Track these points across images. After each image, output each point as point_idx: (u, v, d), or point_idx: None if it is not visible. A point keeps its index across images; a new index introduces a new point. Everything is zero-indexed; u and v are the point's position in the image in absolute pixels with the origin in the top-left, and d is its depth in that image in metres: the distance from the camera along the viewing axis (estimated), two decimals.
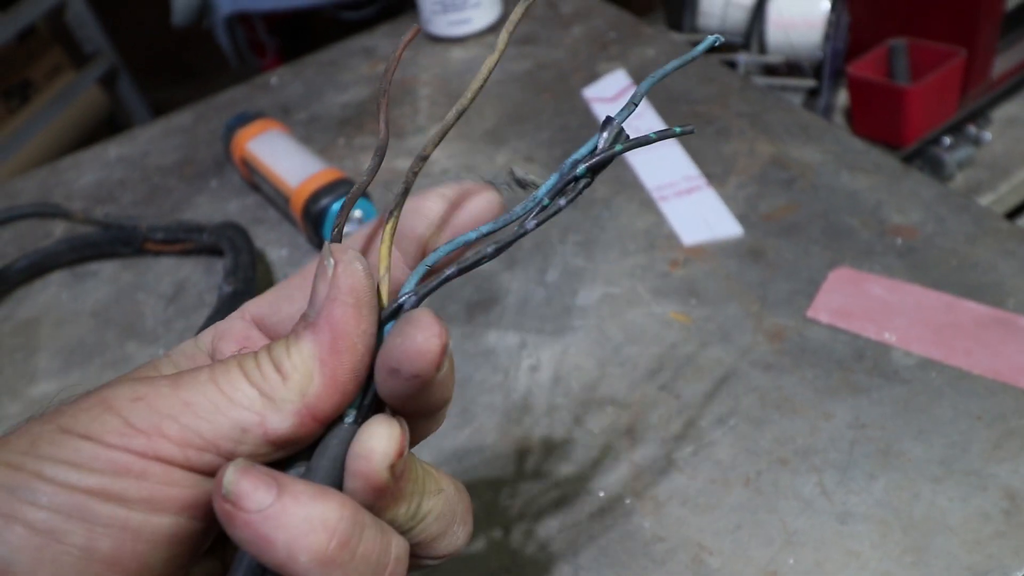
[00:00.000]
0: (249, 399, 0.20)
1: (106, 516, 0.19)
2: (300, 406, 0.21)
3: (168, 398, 0.20)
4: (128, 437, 0.19)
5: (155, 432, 0.20)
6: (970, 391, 0.41)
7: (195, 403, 0.20)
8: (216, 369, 0.21)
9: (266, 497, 0.19)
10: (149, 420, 0.20)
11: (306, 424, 0.21)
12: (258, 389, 0.21)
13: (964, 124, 1.04)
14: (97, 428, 0.20)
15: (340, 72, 0.81)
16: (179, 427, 0.20)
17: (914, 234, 0.50)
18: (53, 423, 0.20)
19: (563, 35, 0.79)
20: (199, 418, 0.20)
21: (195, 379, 0.21)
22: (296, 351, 0.21)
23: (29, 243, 0.65)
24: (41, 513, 0.19)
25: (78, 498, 0.19)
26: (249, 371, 0.21)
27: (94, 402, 0.20)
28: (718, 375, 0.44)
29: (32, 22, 1.88)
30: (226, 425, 0.20)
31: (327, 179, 0.56)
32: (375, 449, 0.20)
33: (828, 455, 0.39)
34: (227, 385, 0.21)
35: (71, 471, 0.19)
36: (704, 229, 0.53)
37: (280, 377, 0.21)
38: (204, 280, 0.58)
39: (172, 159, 0.73)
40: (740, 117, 0.63)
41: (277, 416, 0.20)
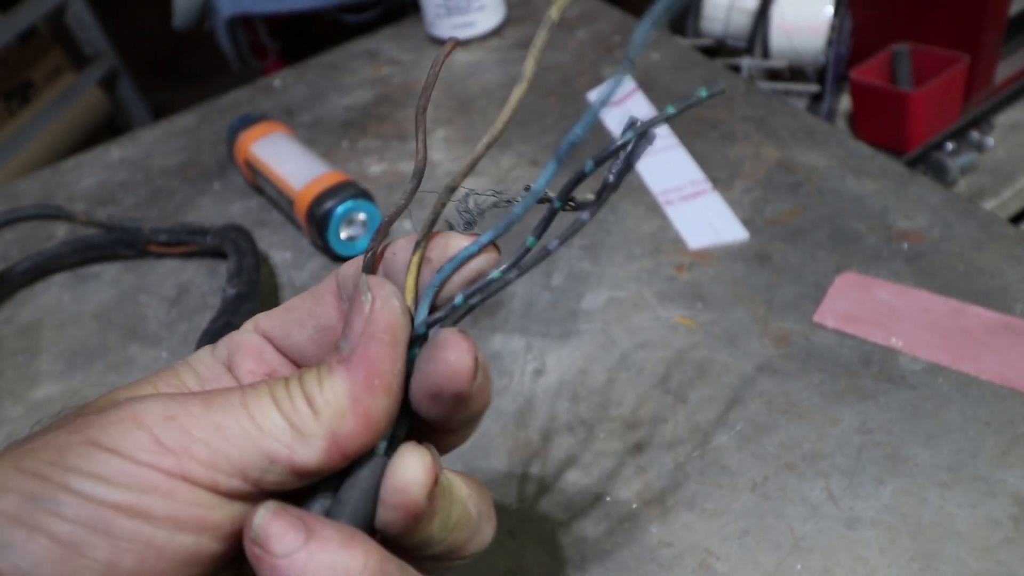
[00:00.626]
0: (279, 430, 0.20)
1: (130, 532, 0.19)
2: (330, 443, 0.21)
3: (199, 420, 0.20)
4: (157, 455, 0.20)
5: (184, 453, 0.20)
6: (978, 397, 0.40)
7: (226, 428, 0.20)
8: (248, 395, 0.21)
9: (294, 542, 0.19)
10: (179, 440, 0.20)
11: (334, 459, 0.21)
12: (288, 421, 0.21)
13: (967, 130, 1.04)
14: (127, 444, 0.20)
15: (343, 75, 0.81)
16: (209, 451, 0.20)
17: (921, 239, 0.50)
18: (81, 434, 0.20)
19: (568, 38, 0.79)
20: (229, 443, 0.20)
21: (227, 402, 0.21)
22: (329, 386, 0.21)
23: (31, 245, 0.64)
24: (65, 525, 0.18)
25: (104, 512, 0.19)
26: (280, 401, 0.21)
27: (124, 416, 0.20)
28: (724, 380, 0.44)
29: (33, 24, 1.88)
30: (255, 453, 0.20)
31: (331, 182, 0.56)
32: (413, 480, 0.21)
33: (835, 460, 0.39)
34: (258, 414, 0.21)
35: (98, 485, 0.19)
36: (710, 233, 0.53)
37: (311, 412, 0.21)
38: (207, 282, 0.58)
39: (175, 161, 0.72)
40: (745, 121, 0.63)
41: (306, 450, 0.20)
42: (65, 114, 1.91)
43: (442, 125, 0.71)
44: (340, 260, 0.57)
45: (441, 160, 0.66)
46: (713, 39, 1.14)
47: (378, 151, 0.69)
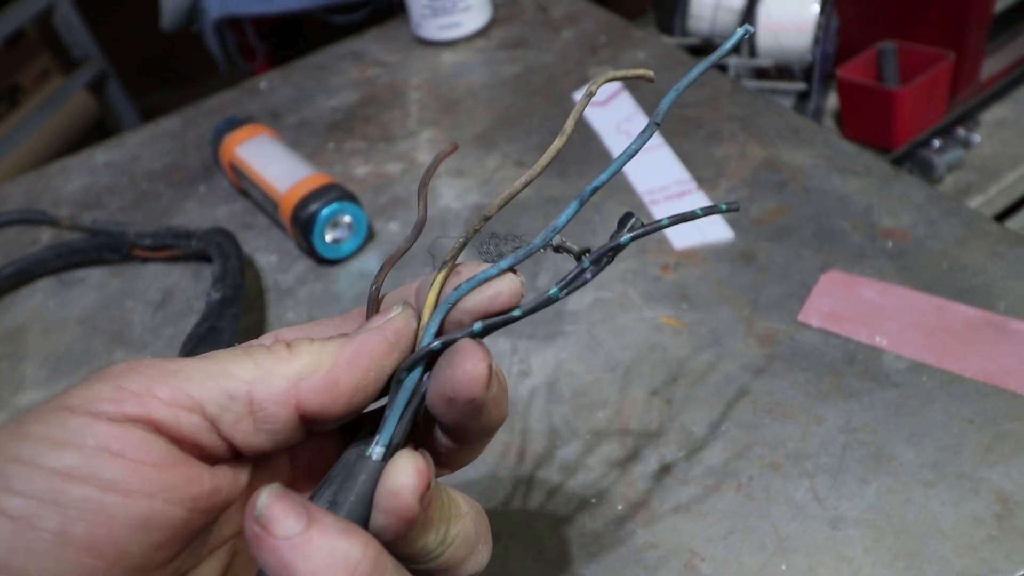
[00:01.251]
0: (242, 369, 0.21)
1: (79, 499, 0.19)
2: (290, 386, 0.21)
3: (161, 369, 0.21)
4: (119, 401, 0.20)
5: (146, 393, 0.20)
6: (961, 394, 0.41)
7: (187, 368, 0.21)
8: (218, 352, 0.22)
9: (295, 525, 0.19)
10: (140, 383, 0.20)
11: (289, 408, 0.21)
12: (255, 363, 0.22)
13: (953, 127, 1.05)
14: (90, 397, 0.20)
15: (330, 76, 0.80)
16: (169, 388, 0.21)
17: (905, 237, 0.50)
18: (48, 403, 0.20)
19: (553, 38, 0.79)
20: (190, 380, 0.21)
21: (192, 359, 0.22)
22: (319, 345, 0.22)
23: (15, 250, 0.64)
24: (15, 500, 0.19)
25: (52, 481, 0.19)
26: (253, 349, 0.22)
27: (91, 378, 0.21)
28: (710, 380, 0.44)
29: (20, 26, 1.87)
30: (214, 389, 0.21)
31: (316, 184, 0.56)
32: (405, 484, 0.21)
33: (820, 460, 0.39)
34: (224, 359, 0.22)
35: (48, 450, 0.19)
36: (695, 233, 0.53)
37: (288, 355, 0.22)
38: (192, 286, 0.57)
39: (160, 164, 0.72)
40: (731, 120, 0.63)
41: (264, 387, 0.21)
42: (53, 117, 1.90)
43: (428, 126, 0.70)
44: (325, 263, 0.57)
45: (426, 161, 0.66)
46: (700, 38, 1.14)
47: (364, 152, 0.68)
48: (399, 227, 0.60)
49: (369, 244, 0.58)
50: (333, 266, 0.57)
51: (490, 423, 0.23)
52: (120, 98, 2.12)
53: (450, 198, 0.61)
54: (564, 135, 0.23)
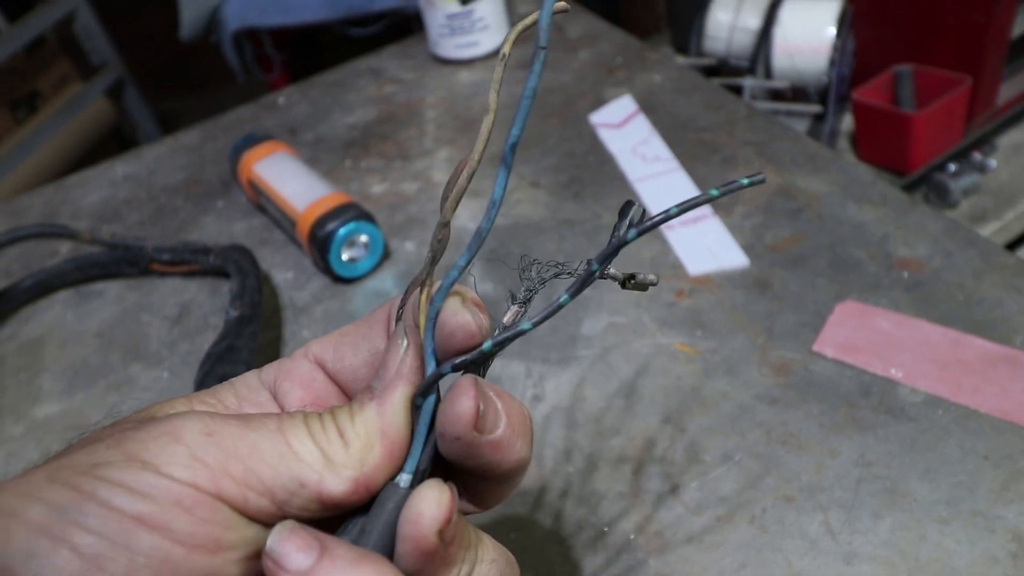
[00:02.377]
0: (312, 457, 0.21)
1: (149, 547, 0.19)
2: (358, 474, 0.22)
3: (236, 438, 0.21)
4: (193, 470, 0.20)
5: (220, 469, 0.20)
6: (977, 430, 0.40)
7: (261, 448, 0.21)
8: (284, 421, 0.22)
9: (306, 560, 0.20)
10: (216, 457, 0.20)
11: (359, 492, 0.22)
12: (320, 450, 0.22)
13: (969, 151, 1.04)
14: (164, 458, 0.20)
15: (347, 93, 0.81)
16: (243, 468, 0.21)
17: (921, 268, 0.50)
18: (119, 449, 0.20)
19: (570, 59, 0.79)
20: (263, 464, 0.21)
21: (263, 425, 0.22)
22: (360, 421, 0.22)
23: (35, 261, 0.65)
24: (88, 538, 0.19)
25: (125, 524, 0.19)
26: (314, 430, 0.22)
27: (163, 431, 0.21)
28: (724, 409, 0.44)
29: (41, 33, 1.89)
30: (287, 476, 0.21)
31: (333, 203, 0.56)
32: (424, 513, 0.21)
33: (834, 493, 0.39)
34: (293, 439, 0.22)
35: (124, 495, 0.19)
36: (710, 259, 0.53)
37: (342, 443, 0.22)
38: (209, 302, 0.58)
39: (179, 178, 0.73)
40: (746, 146, 0.63)
41: (335, 479, 0.21)
42: (71, 123, 1.92)
43: (444, 145, 0.71)
44: (341, 281, 0.57)
45: (443, 181, 0.66)
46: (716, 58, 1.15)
47: (380, 171, 0.69)
48: (415, 246, 0.60)
49: (385, 263, 0.59)
50: (349, 284, 0.57)
51: (495, 466, 0.23)
52: (137, 104, 2.14)
53: (465, 218, 0.61)
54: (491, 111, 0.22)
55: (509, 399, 0.23)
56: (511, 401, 0.23)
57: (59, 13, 1.90)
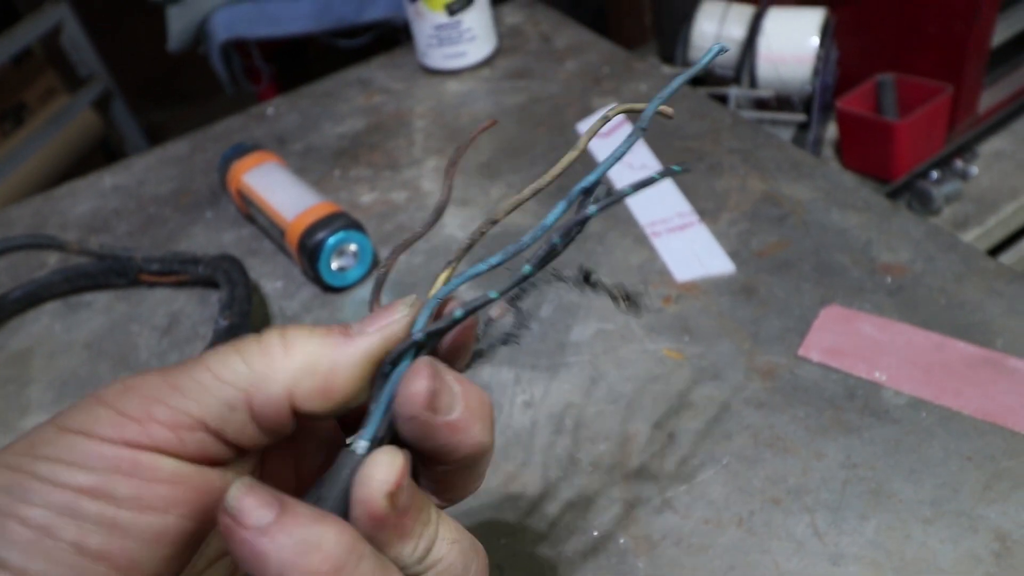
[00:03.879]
0: (237, 376, 0.21)
1: (95, 514, 0.20)
2: (285, 391, 0.21)
3: (156, 386, 0.21)
4: (121, 427, 0.20)
5: (146, 418, 0.20)
6: (960, 431, 0.41)
7: (182, 385, 0.21)
8: (209, 354, 0.22)
9: (266, 515, 0.19)
10: (140, 407, 0.20)
11: (287, 410, 0.22)
12: (249, 366, 0.21)
13: (951, 158, 1.06)
14: (91, 422, 0.20)
15: (336, 103, 0.82)
16: (168, 409, 0.20)
17: (903, 272, 0.51)
18: (52, 423, 0.21)
19: (557, 69, 0.80)
20: (187, 399, 0.21)
21: (185, 365, 0.22)
22: (317, 341, 0.22)
23: (23, 273, 0.65)
24: (35, 511, 0.19)
25: (68, 496, 0.19)
26: (246, 347, 0.22)
27: (88, 400, 0.21)
28: (711, 413, 0.44)
29: (27, 45, 1.89)
30: (212, 403, 0.21)
31: (322, 213, 0.56)
32: (373, 476, 0.21)
33: (820, 495, 0.39)
34: (217, 365, 0.21)
35: (63, 469, 0.20)
36: (696, 266, 0.54)
37: (283, 350, 0.22)
38: (198, 312, 0.58)
39: (168, 189, 0.73)
40: (732, 153, 0.64)
41: (261, 394, 0.21)
42: (58, 135, 1.92)
43: (433, 155, 0.71)
44: (331, 290, 0.58)
45: (432, 190, 0.67)
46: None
47: (369, 180, 0.69)
48: (404, 255, 0.60)
49: (374, 272, 0.59)
50: (338, 293, 0.58)
51: (457, 447, 0.23)
52: (124, 116, 2.13)
53: (454, 227, 0.62)
54: (577, 150, 0.24)
55: (468, 384, 0.23)
56: (470, 386, 0.23)
57: (46, 25, 1.90)
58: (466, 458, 0.23)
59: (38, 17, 1.88)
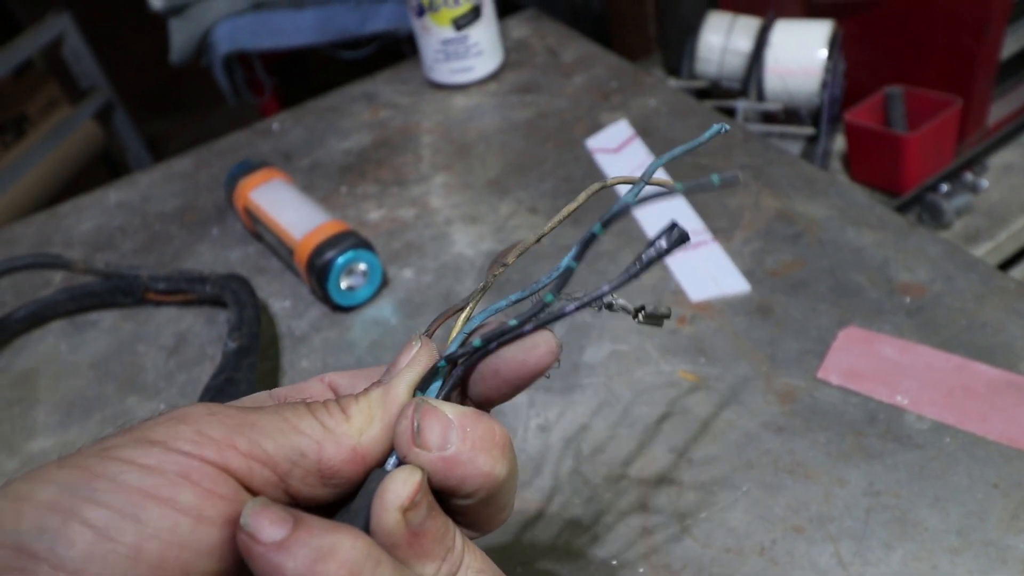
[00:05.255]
0: (311, 428, 0.23)
1: (157, 517, 0.20)
2: (356, 443, 0.23)
3: (238, 418, 0.22)
4: (200, 445, 0.21)
5: (226, 442, 0.21)
6: (985, 458, 0.40)
7: (263, 423, 0.22)
8: (283, 406, 0.24)
9: (280, 531, 0.20)
10: (221, 432, 0.21)
11: (356, 462, 0.23)
12: (320, 422, 0.23)
13: (961, 171, 1.05)
14: (171, 435, 0.21)
15: (341, 118, 0.81)
16: (247, 440, 0.22)
17: (922, 292, 0.50)
18: (127, 434, 0.21)
19: (565, 84, 0.80)
20: (265, 435, 0.22)
21: (263, 409, 0.23)
22: (364, 399, 0.24)
23: (28, 291, 0.64)
24: (98, 511, 0.20)
25: (133, 497, 0.20)
26: (316, 409, 0.24)
27: (170, 416, 0.22)
28: (729, 437, 0.44)
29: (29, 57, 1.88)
30: (287, 446, 0.22)
31: (331, 232, 0.56)
32: (389, 489, 0.22)
33: (844, 523, 0.39)
34: (292, 416, 0.23)
35: (132, 471, 0.20)
36: (711, 285, 0.53)
37: (344, 417, 0.23)
38: (206, 331, 0.57)
39: (173, 205, 0.72)
40: (744, 170, 0.63)
41: (333, 447, 0.23)
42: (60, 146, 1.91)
43: (440, 170, 0.71)
44: (340, 310, 0.57)
45: (440, 206, 0.66)
46: (708, 81, 1.15)
47: (376, 196, 0.69)
48: (413, 274, 0.59)
49: (383, 291, 0.58)
50: (347, 313, 0.57)
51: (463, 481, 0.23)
52: (126, 127, 2.13)
53: (463, 245, 0.61)
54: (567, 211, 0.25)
55: (474, 417, 0.24)
56: (475, 419, 0.24)
57: (47, 37, 1.89)
58: (479, 491, 0.24)
59: (39, 28, 1.88)
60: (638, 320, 0.27)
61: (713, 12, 1.17)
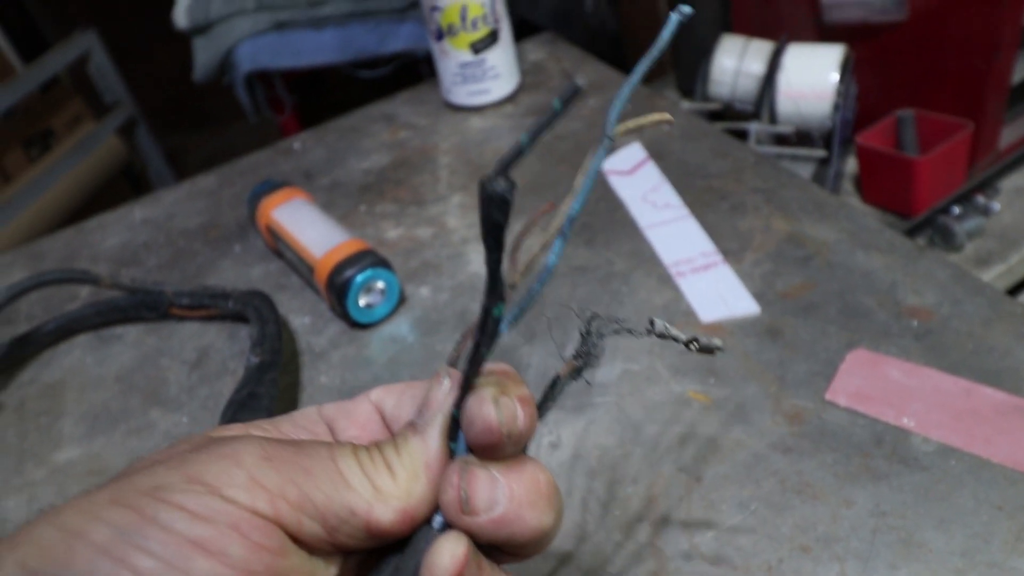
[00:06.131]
0: (362, 486, 0.23)
1: (204, 572, 0.20)
2: (405, 504, 0.23)
3: (292, 463, 0.22)
4: (253, 494, 0.21)
5: (278, 493, 0.21)
6: (991, 480, 0.41)
7: (316, 475, 0.22)
8: (334, 449, 0.23)
9: None
10: (275, 481, 0.21)
11: (404, 522, 0.23)
12: (370, 480, 0.23)
13: (972, 194, 1.06)
14: (224, 480, 0.21)
15: (362, 138, 0.83)
16: (299, 493, 0.22)
17: (930, 316, 0.51)
18: (181, 471, 0.21)
19: (579, 106, 0.81)
20: (318, 489, 0.22)
21: (316, 452, 0.23)
22: (406, 453, 0.23)
23: (55, 305, 0.66)
24: (148, 561, 0.20)
25: (184, 548, 0.20)
26: (363, 460, 0.23)
27: (223, 454, 0.22)
28: (738, 457, 0.44)
29: (56, 73, 1.93)
30: (339, 503, 0.22)
31: (351, 250, 0.57)
32: (435, 564, 0.22)
33: (850, 543, 0.39)
34: (345, 468, 0.23)
35: (184, 518, 0.20)
36: (721, 307, 0.54)
37: (389, 474, 0.23)
38: (228, 347, 0.59)
39: (196, 222, 0.74)
40: (755, 193, 0.65)
41: (383, 509, 0.23)
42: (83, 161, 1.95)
43: (458, 191, 0.72)
44: (358, 327, 0.58)
45: (457, 226, 0.68)
46: (721, 102, 1.17)
47: (395, 216, 0.70)
48: (430, 292, 0.61)
49: (401, 309, 0.59)
50: (365, 330, 0.58)
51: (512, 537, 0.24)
52: (148, 142, 2.17)
53: (479, 264, 0.62)
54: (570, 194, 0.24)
55: (519, 468, 0.24)
56: (519, 474, 0.24)
57: (74, 54, 1.94)
58: (527, 544, 0.24)
59: (67, 46, 1.92)
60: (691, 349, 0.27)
61: (727, 35, 1.18)
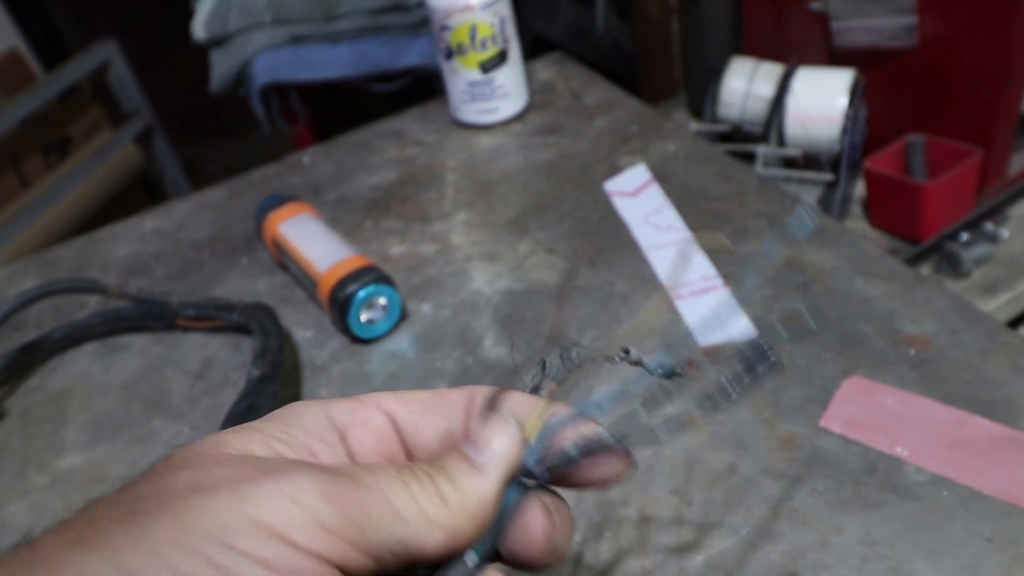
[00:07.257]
0: (412, 516, 0.23)
1: None
2: (452, 538, 0.23)
3: (351, 503, 0.22)
4: (315, 538, 0.21)
5: (339, 535, 0.21)
6: (982, 512, 0.41)
7: (372, 512, 0.22)
8: (381, 477, 0.23)
9: None
10: (337, 523, 0.21)
11: (445, 552, 0.23)
12: (419, 507, 0.23)
13: (981, 221, 1.06)
14: (287, 523, 0.21)
15: (370, 154, 0.84)
16: (357, 531, 0.22)
17: (927, 345, 0.51)
18: (240, 511, 0.21)
19: (586, 126, 0.82)
20: (371, 523, 0.22)
21: (365, 484, 0.23)
22: (463, 488, 0.24)
23: (63, 313, 0.67)
24: None
25: None
26: (412, 487, 0.23)
27: (280, 490, 0.21)
28: (731, 482, 0.45)
29: (75, 82, 1.96)
30: (390, 536, 0.22)
31: (354, 266, 0.58)
32: None
33: (839, 571, 0.39)
34: (396, 499, 0.23)
35: (253, 569, 0.20)
36: (719, 331, 0.54)
37: (440, 502, 0.23)
38: (231, 358, 0.60)
39: (205, 234, 0.75)
40: (758, 217, 0.65)
41: (430, 537, 0.23)
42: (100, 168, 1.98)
43: (463, 208, 0.73)
44: (359, 342, 0.59)
45: (460, 244, 0.68)
46: (729, 124, 1.17)
47: (400, 232, 0.71)
48: (431, 309, 0.61)
49: (402, 325, 0.60)
50: (366, 345, 0.59)
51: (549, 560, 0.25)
52: (164, 151, 2.20)
53: (481, 282, 0.63)
54: None
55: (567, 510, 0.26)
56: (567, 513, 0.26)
57: (94, 63, 1.97)
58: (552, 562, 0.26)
59: (87, 55, 1.95)
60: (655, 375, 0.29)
61: (737, 57, 1.19)
